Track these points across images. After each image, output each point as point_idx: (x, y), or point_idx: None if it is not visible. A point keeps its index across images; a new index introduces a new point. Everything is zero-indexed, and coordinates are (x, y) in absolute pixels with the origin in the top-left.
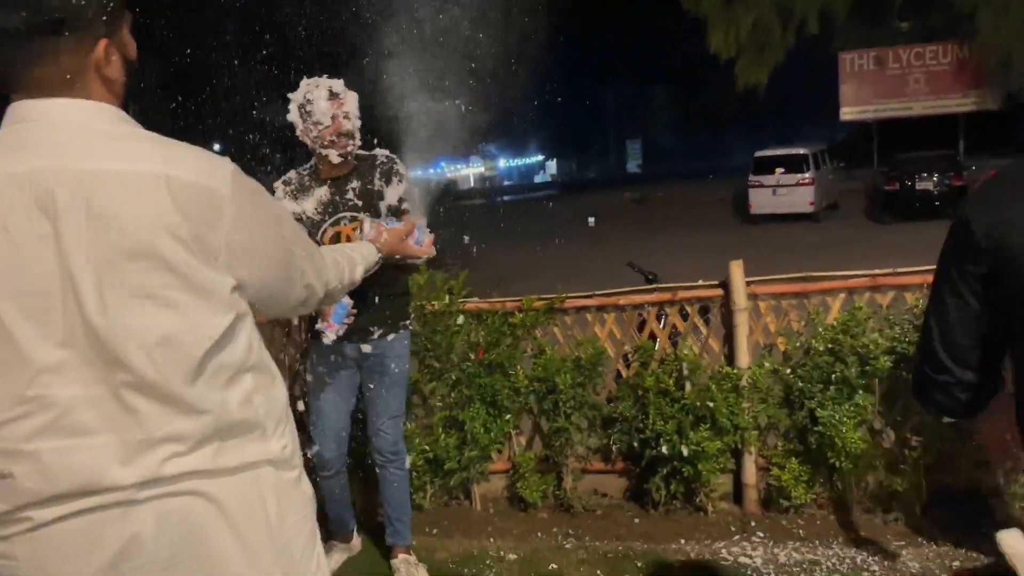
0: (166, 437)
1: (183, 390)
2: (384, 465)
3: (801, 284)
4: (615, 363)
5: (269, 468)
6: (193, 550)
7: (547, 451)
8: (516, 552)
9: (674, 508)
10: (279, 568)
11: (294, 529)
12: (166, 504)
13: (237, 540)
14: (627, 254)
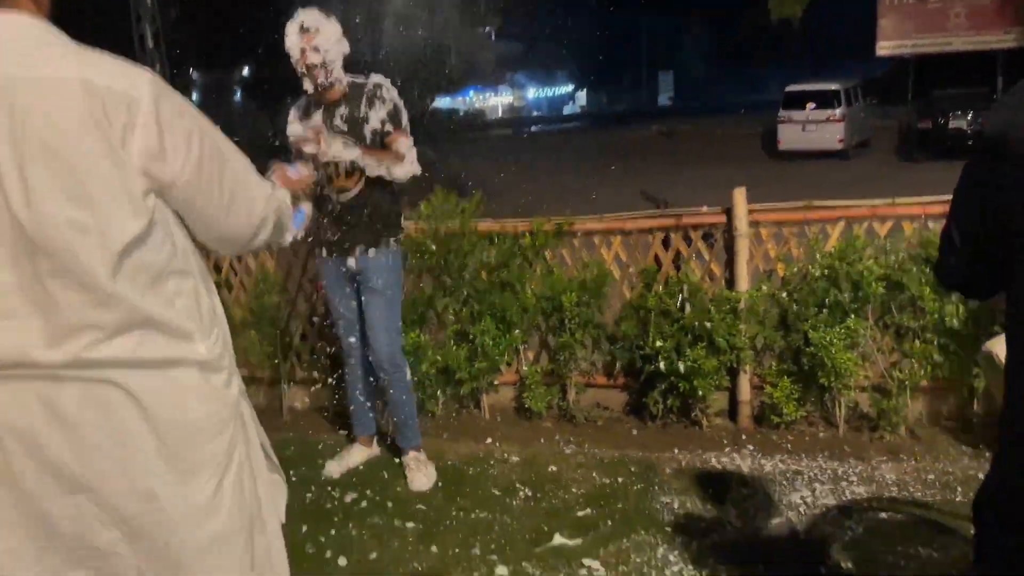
0: (87, 324)
1: (104, 282)
2: (387, 376)
3: (802, 212)
4: (620, 285)
5: (194, 369)
6: (111, 437)
7: (552, 365)
8: (519, 455)
9: (670, 422)
10: (192, 464)
11: (214, 429)
12: (89, 388)
13: (153, 433)
14: (651, 188)
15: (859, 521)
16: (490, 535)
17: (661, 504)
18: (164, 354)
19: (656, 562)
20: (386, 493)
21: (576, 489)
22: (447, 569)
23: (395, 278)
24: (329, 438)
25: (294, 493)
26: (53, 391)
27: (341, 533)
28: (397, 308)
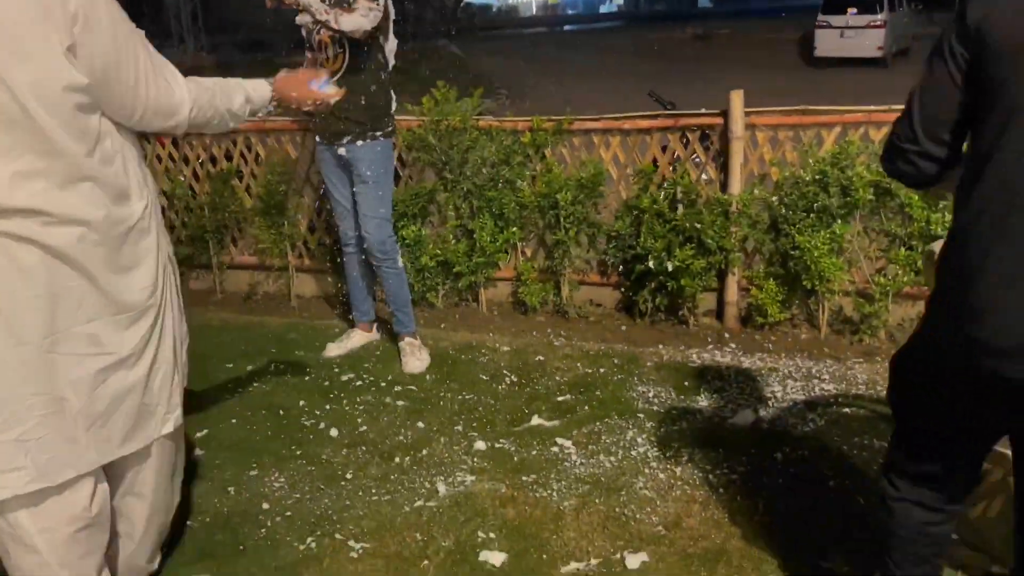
0: (36, 171)
1: (54, 133)
2: (378, 265)
3: (798, 116)
4: (617, 185)
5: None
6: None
7: (548, 262)
8: (509, 346)
9: (659, 320)
10: (120, 293)
11: (145, 267)
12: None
13: (83, 274)
14: (681, 92)
15: (822, 415)
16: (473, 414)
17: (638, 393)
18: (109, 214)
19: (624, 443)
20: (380, 374)
21: (559, 377)
22: (430, 441)
23: (384, 168)
24: (333, 323)
25: (295, 371)
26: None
27: (335, 408)
28: (387, 198)
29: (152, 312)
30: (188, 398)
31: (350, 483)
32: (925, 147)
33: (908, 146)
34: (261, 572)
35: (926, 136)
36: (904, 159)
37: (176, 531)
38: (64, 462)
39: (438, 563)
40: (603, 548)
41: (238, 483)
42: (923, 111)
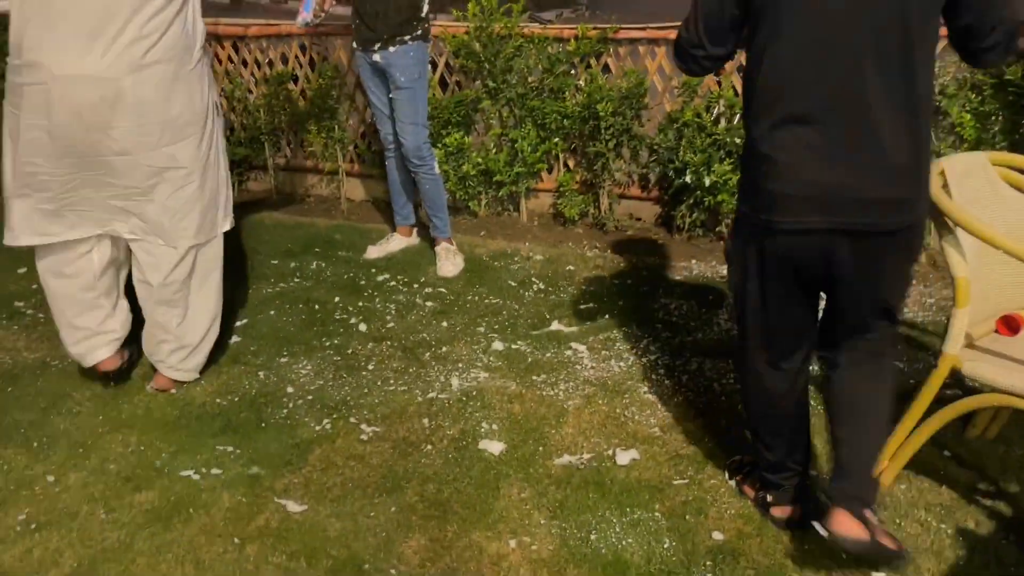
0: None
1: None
2: (415, 170)
3: None
4: (661, 97)
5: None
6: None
7: (588, 174)
8: (543, 255)
9: (696, 235)
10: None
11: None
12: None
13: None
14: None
15: None
16: (496, 318)
17: (660, 305)
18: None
19: (637, 351)
20: (413, 276)
21: (586, 287)
22: (452, 340)
23: (418, 73)
24: (379, 227)
25: (335, 269)
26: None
27: (367, 305)
28: (421, 103)
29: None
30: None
31: (371, 374)
32: (711, 51)
33: (697, 52)
34: (277, 446)
35: (710, 42)
36: (694, 61)
37: (210, 408)
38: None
39: (440, 448)
40: (597, 444)
41: (268, 368)
42: (707, 21)
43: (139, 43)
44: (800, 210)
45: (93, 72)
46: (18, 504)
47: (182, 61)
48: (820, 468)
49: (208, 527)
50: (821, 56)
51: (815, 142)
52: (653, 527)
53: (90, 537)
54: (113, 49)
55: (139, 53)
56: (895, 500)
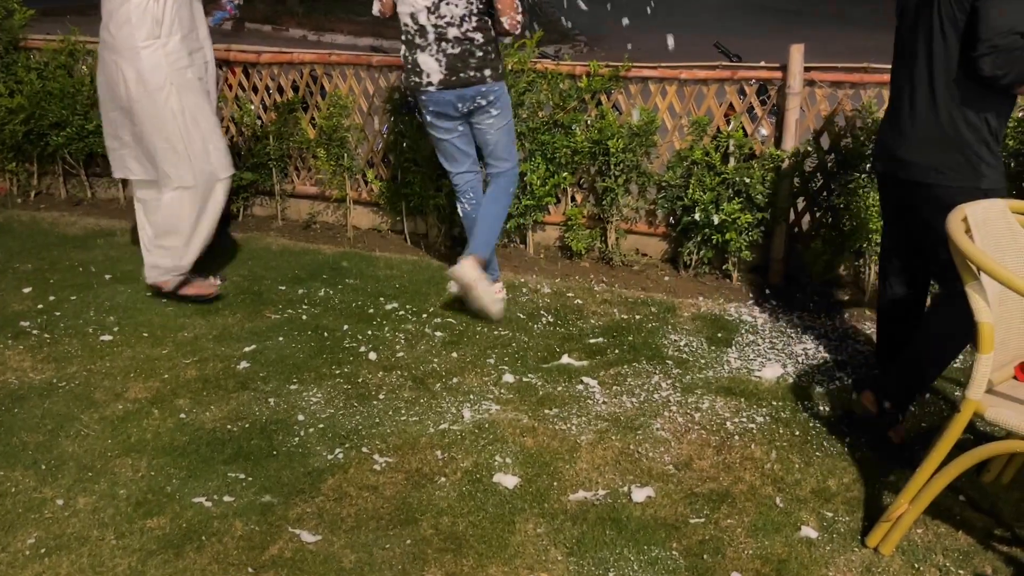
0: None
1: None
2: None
3: (859, 74)
4: (671, 135)
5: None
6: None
7: (596, 209)
8: (551, 288)
9: (702, 272)
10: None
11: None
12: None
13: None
14: (766, 46)
15: (851, 375)
16: (506, 349)
17: (669, 341)
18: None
19: (648, 387)
20: (422, 306)
21: (595, 321)
22: (462, 371)
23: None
24: (385, 255)
25: (343, 297)
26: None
27: (377, 334)
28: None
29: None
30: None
31: (382, 403)
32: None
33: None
34: (289, 474)
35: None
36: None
37: (220, 434)
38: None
39: (454, 481)
40: (612, 481)
41: (278, 395)
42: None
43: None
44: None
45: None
46: (27, 528)
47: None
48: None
49: (221, 556)
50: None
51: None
52: (671, 566)
53: (101, 563)
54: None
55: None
56: (913, 544)
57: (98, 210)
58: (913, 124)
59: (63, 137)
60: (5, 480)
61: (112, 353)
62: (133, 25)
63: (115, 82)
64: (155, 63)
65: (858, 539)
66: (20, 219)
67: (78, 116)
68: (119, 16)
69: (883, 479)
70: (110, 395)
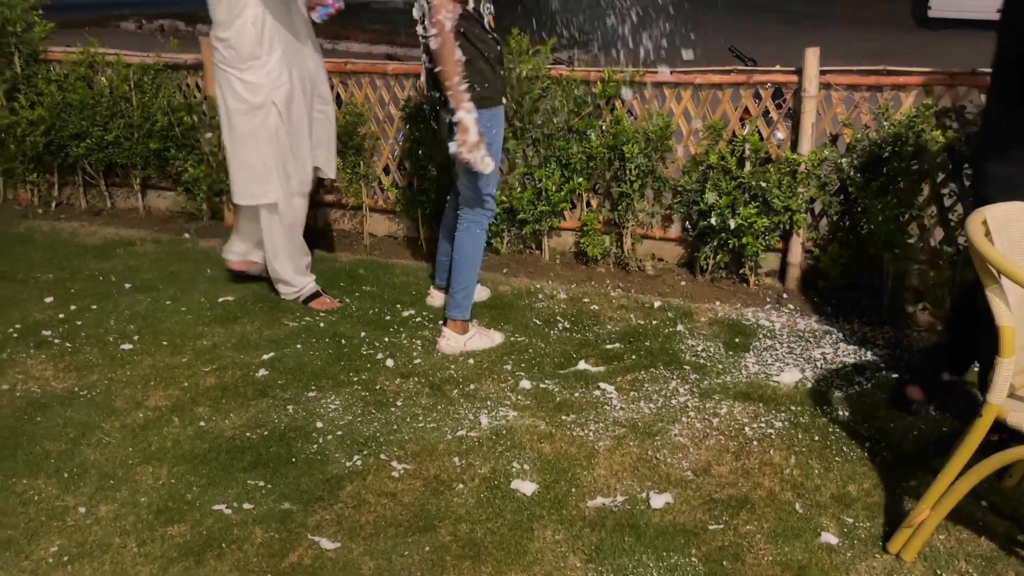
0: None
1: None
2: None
3: (876, 77)
4: (686, 139)
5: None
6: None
7: (612, 214)
8: (567, 294)
9: (719, 277)
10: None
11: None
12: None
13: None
14: (776, 50)
15: (870, 379)
16: (523, 356)
17: (686, 346)
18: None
19: (666, 392)
20: (438, 312)
21: (611, 327)
22: (479, 377)
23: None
24: (401, 263)
25: (360, 304)
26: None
27: (394, 341)
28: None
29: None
30: (260, 321)
31: (399, 410)
32: None
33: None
34: (308, 482)
35: None
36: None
37: (239, 442)
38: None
39: (472, 488)
40: (630, 487)
41: (296, 402)
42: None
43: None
44: None
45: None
46: (50, 535)
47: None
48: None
49: (242, 563)
50: None
51: None
52: (691, 572)
53: (123, 571)
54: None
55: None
56: (935, 551)
57: (118, 220)
58: None
59: (83, 148)
60: (28, 488)
61: (132, 362)
62: (236, 43)
63: (217, 95)
64: (254, 81)
65: (879, 545)
66: (41, 229)
67: (97, 127)
68: (224, 31)
69: (904, 484)
70: (131, 403)
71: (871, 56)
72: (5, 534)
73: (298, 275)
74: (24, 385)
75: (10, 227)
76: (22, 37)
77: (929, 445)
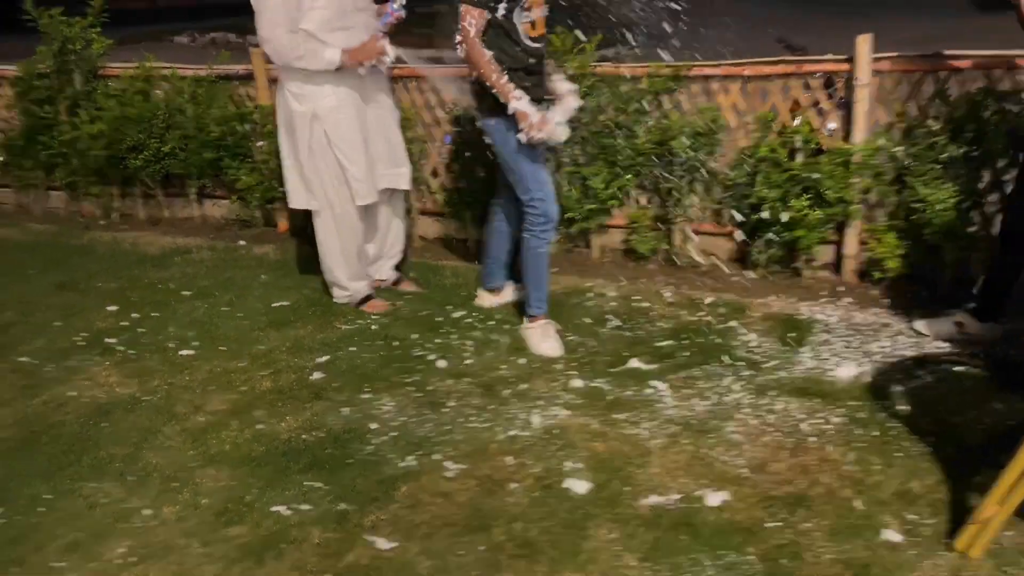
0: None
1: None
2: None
3: (930, 62)
4: (735, 133)
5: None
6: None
7: (661, 210)
8: (617, 292)
9: (772, 271)
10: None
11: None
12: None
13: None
14: (834, 38)
15: (931, 372)
16: (574, 354)
17: (740, 342)
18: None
19: (719, 389)
20: (488, 312)
21: (663, 324)
22: (530, 377)
23: (501, 145)
24: (451, 264)
25: (411, 306)
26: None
27: (445, 342)
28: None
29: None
30: (314, 324)
31: (452, 410)
32: None
33: None
34: (364, 483)
35: None
36: None
37: (296, 444)
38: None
39: (526, 487)
40: (685, 485)
41: (351, 404)
42: None
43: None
44: None
45: None
46: (117, 537)
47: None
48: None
49: (300, 563)
50: None
51: None
52: (748, 571)
53: (188, 571)
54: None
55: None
56: (1002, 548)
57: (175, 229)
58: None
59: (141, 160)
60: (96, 492)
61: (192, 367)
62: (291, 52)
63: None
64: (300, 92)
65: (944, 542)
66: (103, 240)
67: (154, 139)
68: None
69: (969, 480)
70: (191, 408)
71: (925, 41)
72: (74, 536)
73: (352, 280)
74: (90, 391)
75: (74, 239)
76: (81, 55)
77: (995, 439)
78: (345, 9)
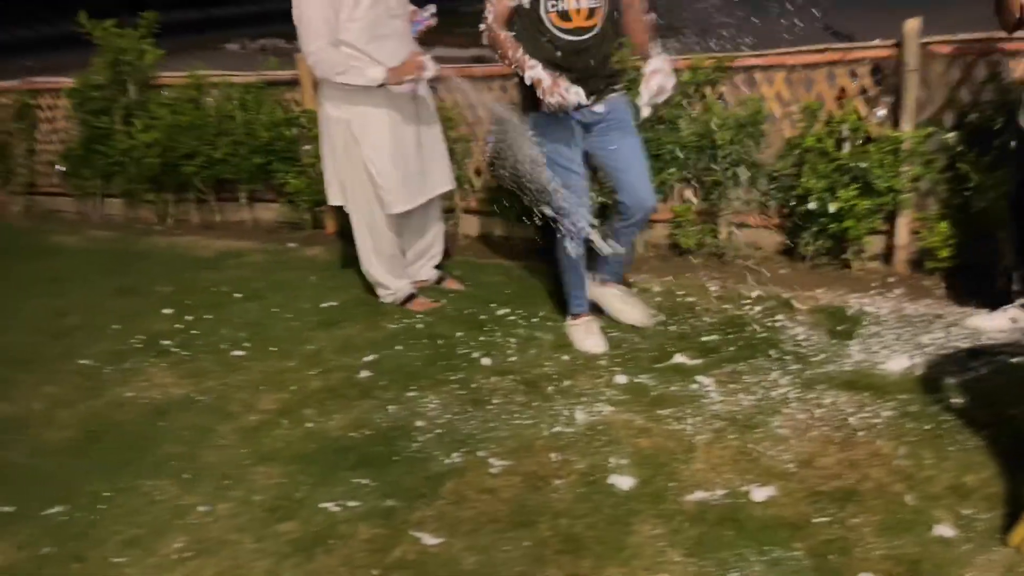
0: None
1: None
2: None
3: (982, 45)
4: (780, 123)
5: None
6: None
7: (706, 204)
8: (661, 286)
9: (821, 263)
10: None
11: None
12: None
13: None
14: (889, 22)
15: (986, 364)
16: (618, 350)
17: (787, 336)
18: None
19: (766, 384)
20: (531, 310)
21: (708, 318)
22: (573, 373)
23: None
24: (494, 262)
25: (455, 304)
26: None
27: (489, 339)
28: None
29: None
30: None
31: (496, 407)
32: None
33: None
34: (410, 479)
35: None
36: None
37: (344, 442)
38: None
39: (570, 483)
40: (731, 481)
41: (397, 402)
42: None
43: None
44: None
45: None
46: (174, 533)
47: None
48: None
49: (349, 558)
50: None
51: None
52: (795, 567)
53: (241, 566)
54: None
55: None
56: None
57: (228, 233)
58: None
59: (194, 166)
60: (153, 489)
61: (244, 368)
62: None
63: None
64: (336, 96)
65: (998, 538)
66: (159, 245)
67: (207, 146)
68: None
69: None
70: (244, 407)
71: (976, 23)
72: (133, 532)
73: (393, 278)
74: (147, 392)
75: (132, 245)
76: (135, 65)
77: None
78: (380, 18)
